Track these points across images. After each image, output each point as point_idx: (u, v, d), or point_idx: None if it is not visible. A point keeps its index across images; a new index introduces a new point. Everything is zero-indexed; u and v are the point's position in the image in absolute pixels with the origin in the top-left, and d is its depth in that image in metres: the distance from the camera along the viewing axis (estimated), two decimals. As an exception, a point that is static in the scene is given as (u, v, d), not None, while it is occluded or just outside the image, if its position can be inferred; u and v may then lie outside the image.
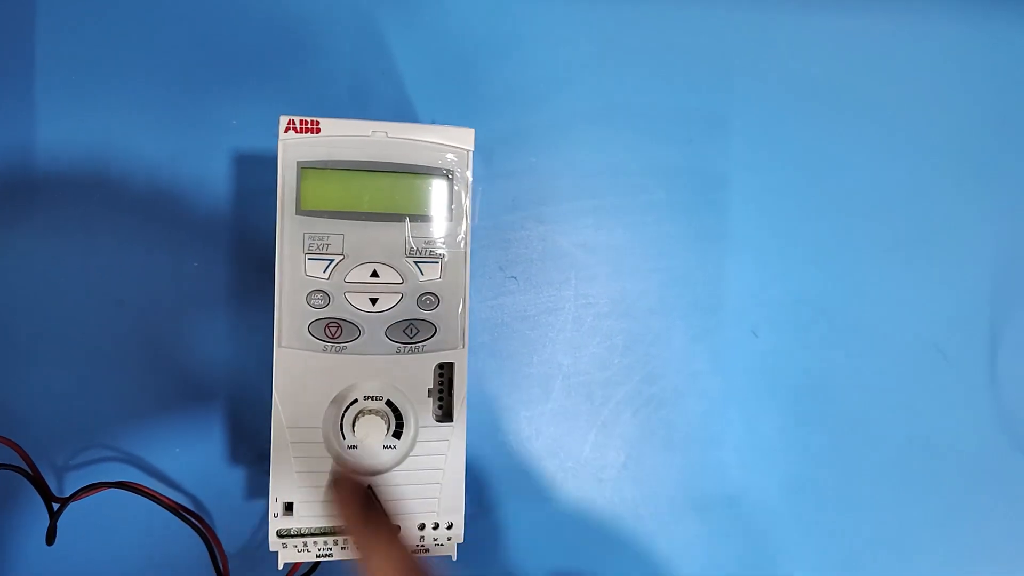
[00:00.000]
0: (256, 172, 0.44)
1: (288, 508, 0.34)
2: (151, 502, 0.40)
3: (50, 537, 0.38)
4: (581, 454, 0.49)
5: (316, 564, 0.39)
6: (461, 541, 0.36)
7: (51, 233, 0.42)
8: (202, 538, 0.41)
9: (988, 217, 0.53)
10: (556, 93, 0.48)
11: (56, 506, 0.39)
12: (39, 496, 0.39)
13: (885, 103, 0.52)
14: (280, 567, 0.37)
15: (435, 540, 0.35)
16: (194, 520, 0.41)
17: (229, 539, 0.44)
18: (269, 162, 0.43)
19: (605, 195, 0.49)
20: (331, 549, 0.35)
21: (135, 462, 0.44)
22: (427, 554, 0.37)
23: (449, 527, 0.35)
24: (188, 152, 0.44)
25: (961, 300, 0.53)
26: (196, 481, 0.44)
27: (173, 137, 0.44)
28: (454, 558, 0.37)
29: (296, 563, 0.39)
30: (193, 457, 0.44)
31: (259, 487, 0.44)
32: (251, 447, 0.44)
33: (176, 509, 0.40)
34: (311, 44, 0.45)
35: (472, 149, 0.34)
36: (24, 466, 0.39)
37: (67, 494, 0.39)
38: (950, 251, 0.53)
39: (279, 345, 0.33)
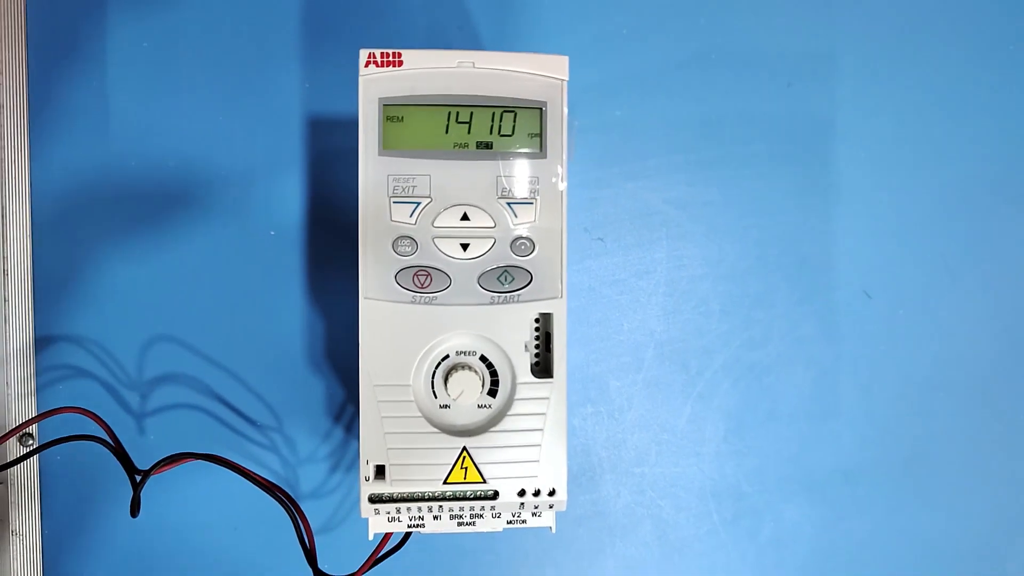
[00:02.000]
0: (328, 135, 0.43)
1: (380, 471, 0.31)
2: (234, 474, 0.38)
3: (134, 509, 0.37)
4: (677, 427, 0.46)
5: (406, 537, 0.37)
6: (563, 510, 0.33)
7: (127, 208, 0.42)
8: (288, 512, 0.39)
9: None
10: (643, 39, 0.45)
11: (139, 478, 0.37)
12: (122, 468, 0.38)
13: (1007, 37, 0.47)
14: (371, 538, 0.34)
15: (535, 509, 0.32)
16: (279, 494, 0.39)
17: (312, 513, 0.42)
18: (343, 125, 0.42)
19: (698, 148, 0.45)
20: (423, 518, 0.33)
21: (216, 432, 0.42)
22: (523, 525, 0.34)
23: (551, 493, 0.32)
24: (262, 119, 0.42)
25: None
26: (282, 454, 0.43)
27: (246, 104, 0.42)
28: (553, 530, 0.34)
29: (385, 537, 0.37)
30: (279, 429, 0.43)
31: (345, 459, 0.43)
32: (337, 418, 0.42)
33: (261, 482, 0.38)
34: (385, 3, 0.43)
35: (567, 79, 0.31)
36: (107, 438, 0.38)
37: (151, 466, 0.38)
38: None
39: (365, 297, 0.31)
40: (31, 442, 0.42)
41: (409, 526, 0.33)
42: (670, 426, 0.46)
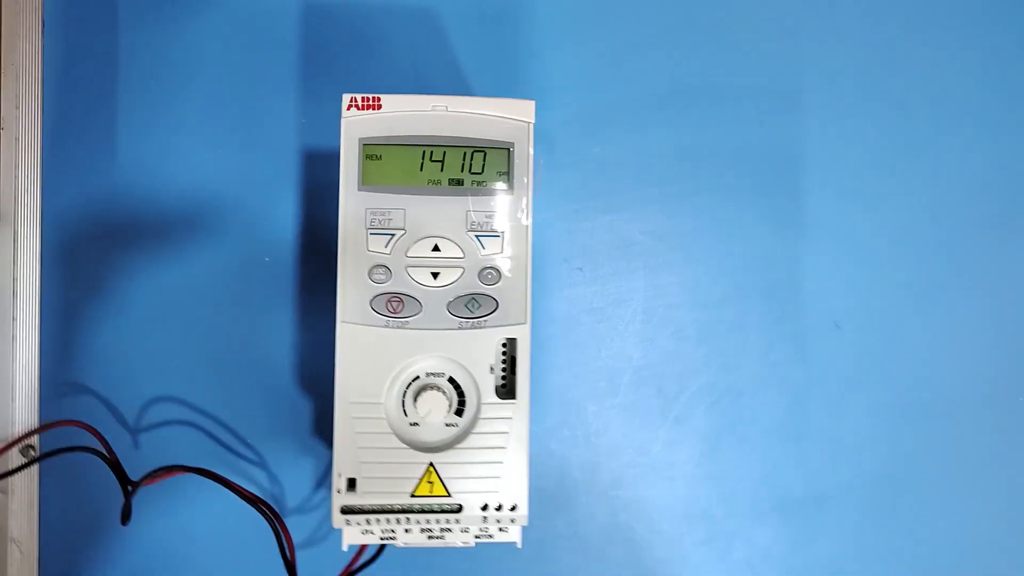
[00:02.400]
0: (323, 167, 0.45)
1: (351, 484, 0.33)
2: (222, 487, 0.40)
3: (124, 517, 0.39)
4: (652, 450, 0.47)
5: (380, 550, 0.39)
6: (526, 524, 0.35)
7: (129, 235, 0.44)
8: (270, 524, 0.41)
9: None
10: (619, 78, 0.47)
11: (130, 489, 0.39)
12: (115, 479, 0.40)
13: (973, 70, 0.49)
14: (344, 548, 0.36)
15: (498, 524, 0.34)
16: (263, 507, 0.41)
17: (297, 527, 0.44)
18: (335, 158, 0.44)
19: (673, 181, 0.47)
20: (394, 531, 0.35)
21: (208, 448, 0.44)
22: (490, 539, 0.36)
23: (513, 508, 0.34)
24: (259, 151, 0.45)
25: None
26: (267, 468, 0.45)
27: (244, 137, 0.45)
28: (519, 545, 0.36)
29: (360, 549, 0.39)
30: (265, 445, 0.44)
31: (325, 471, 0.44)
32: (322, 435, 0.44)
33: (246, 495, 0.40)
34: (372, 40, 0.46)
35: (532, 121, 0.34)
36: (102, 450, 0.40)
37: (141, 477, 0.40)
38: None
39: (342, 320, 0.33)
40: (32, 453, 0.44)
41: (381, 538, 0.35)
42: (645, 449, 0.47)
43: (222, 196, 0.45)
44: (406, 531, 0.35)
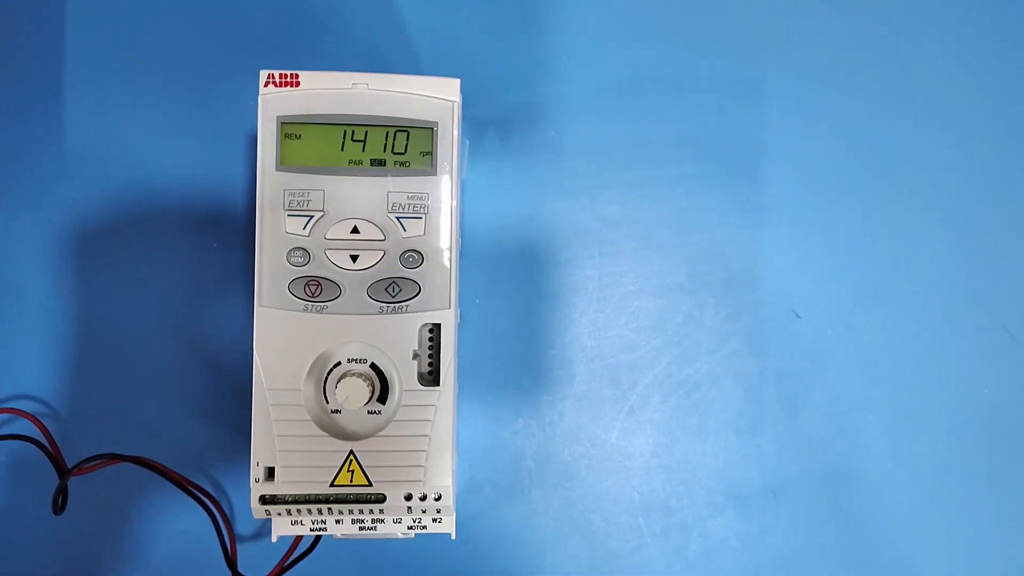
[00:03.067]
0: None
1: (270, 473, 0.32)
2: (163, 478, 0.40)
3: (56, 505, 0.38)
4: (607, 442, 0.46)
5: (317, 540, 0.38)
6: (452, 515, 0.34)
7: (74, 218, 0.43)
8: (209, 515, 0.41)
9: (1061, 179, 0.48)
10: (577, 63, 0.46)
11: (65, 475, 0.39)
12: (54, 470, 0.39)
13: (931, 62, 0.48)
14: (274, 539, 0.36)
15: (425, 514, 0.34)
16: (203, 497, 0.41)
17: (244, 520, 0.44)
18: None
19: (630, 168, 0.46)
20: (324, 522, 0.34)
21: (156, 439, 0.44)
22: (424, 531, 0.35)
23: (438, 498, 0.33)
24: (206, 134, 0.44)
25: (1032, 276, 0.47)
26: (212, 459, 0.44)
27: (191, 121, 0.44)
28: (453, 536, 0.35)
29: (295, 540, 0.38)
30: (210, 435, 0.44)
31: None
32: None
33: (184, 484, 0.40)
34: (324, 21, 0.45)
35: (458, 100, 0.33)
36: (42, 439, 0.40)
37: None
38: (1015, 222, 0.47)
39: (259, 304, 0.32)
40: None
41: (312, 529, 0.35)
42: (600, 441, 0.47)
43: (170, 181, 0.44)
44: (337, 522, 0.34)
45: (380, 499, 0.32)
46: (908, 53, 0.47)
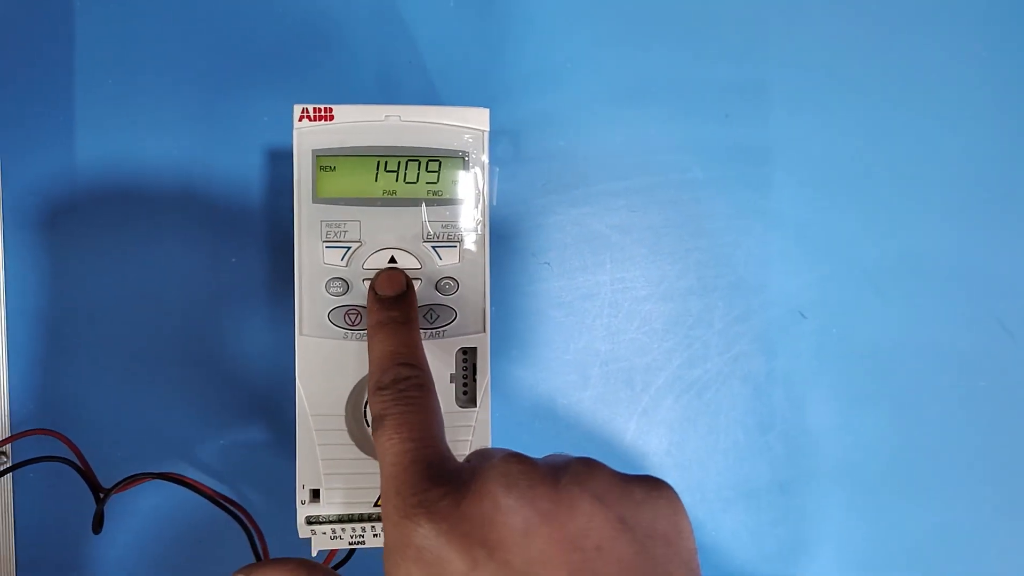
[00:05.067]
0: (289, 166, 0.45)
1: (315, 495, 0.34)
2: (194, 493, 0.41)
3: (96, 525, 0.39)
4: (622, 442, 0.48)
5: (351, 553, 0.39)
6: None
7: (93, 236, 0.44)
8: (243, 527, 0.42)
9: (1055, 181, 0.49)
10: (584, 72, 0.47)
11: (102, 496, 0.40)
12: (87, 487, 0.40)
13: (934, 64, 0.49)
14: (314, 554, 0.37)
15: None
16: (235, 510, 0.42)
17: (271, 529, 0.45)
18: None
19: (639, 175, 0.47)
20: (363, 536, 0.35)
21: (180, 454, 0.45)
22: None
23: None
24: (223, 151, 0.45)
25: (1026, 272, 0.49)
26: (239, 472, 0.45)
27: (207, 137, 0.44)
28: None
29: (331, 553, 0.39)
30: (236, 448, 0.45)
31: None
32: (291, 438, 0.45)
33: (217, 499, 0.41)
34: (335, 37, 0.45)
35: (487, 130, 0.34)
36: (74, 458, 0.41)
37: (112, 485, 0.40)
38: (1012, 219, 0.49)
39: (300, 333, 0.33)
40: (4, 460, 0.44)
41: (350, 543, 0.36)
42: (615, 441, 0.48)
43: (186, 196, 0.44)
44: (375, 536, 0.35)
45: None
46: (911, 58, 0.49)
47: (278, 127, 0.45)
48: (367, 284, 0.33)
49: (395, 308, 0.30)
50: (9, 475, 0.44)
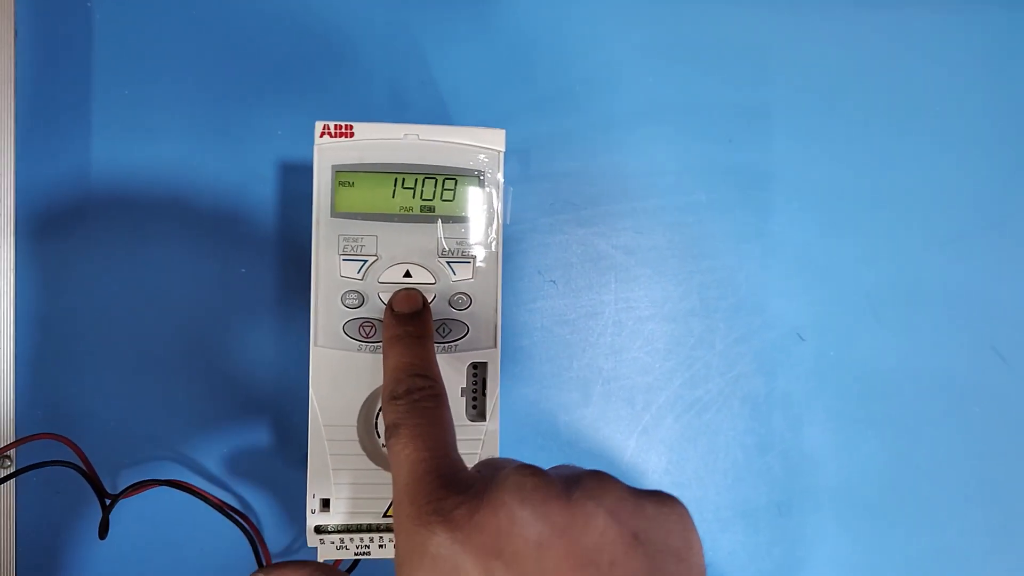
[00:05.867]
0: (301, 180, 0.46)
1: (325, 504, 0.34)
2: (199, 500, 0.41)
3: (102, 531, 0.39)
4: (622, 459, 0.49)
5: (356, 562, 0.40)
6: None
7: (104, 244, 0.44)
8: (246, 535, 0.42)
9: (1049, 212, 0.51)
10: (593, 95, 0.48)
11: (108, 502, 0.40)
12: (93, 492, 0.40)
13: (933, 92, 0.50)
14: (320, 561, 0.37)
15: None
16: (239, 518, 0.42)
17: (274, 538, 0.45)
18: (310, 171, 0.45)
19: (644, 197, 0.48)
20: (368, 546, 0.36)
21: (185, 461, 0.45)
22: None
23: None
24: (236, 163, 0.45)
25: (1020, 299, 0.50)
26: (242, 480, 0.45)
27: (221, 149, 0.45)
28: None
29: (336, 562, 0.40)
30: (240, 457, 0.45)
31: (303, 486, 0.45)
32: (296, 447, 0.45)
33: (221, 507, 0.41)
34: (350, 55, 0.46)
35: (503, 150, 0.35)
36: (80, 463, 0.41)
37: (119, 491, 0.40)
38: (1007, 246, 0.51)
39: (315, 344, 0.34)
40: (9, 464, 0.44)
41: (356, 553, 0.36)
42: (616, 459, 0.49)
43: (198, 206, 0.45)
44: (380, 547, 0.36)
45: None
46: (911, 87, 0.50)
47: (292, 141, 0.46)
48: (382, 297, 0.34)
49: (411, 323, 0.31)
50: (12, 480, 0.44)
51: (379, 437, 0.35)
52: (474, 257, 0.34)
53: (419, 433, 0.26)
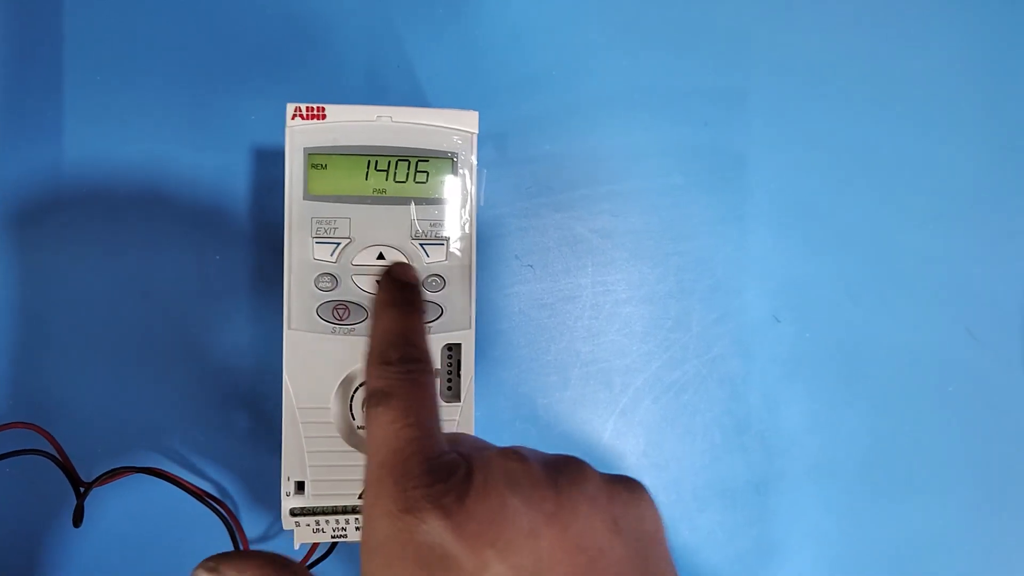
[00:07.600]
0: (275, 165, 0.45)
1: (300, 487, 0.34)
2: (175, 487, 0.41)
3: (77, 519, 0.39)
4: (600, 441, 0.49)
5: (333, 546, 0.40)
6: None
7: (78, 233, 0.44)
8: (223, 522, 0.42)
9: (1021, 192, 0.51)
10: (569, 78, 0.48)
11: (82, 490, 0.40)
12: (67, 481, 0.40)
13: (908, 75, 0.51)
14: (296, 547, 0.37)
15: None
16: (216, 505, 0.42)
17: (251, 523, 0.45)
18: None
19: (621, 180, 0.49)
20: (345, 529, 0.36)
21: (161, 449, 0.45)
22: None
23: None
24: (208, 149, 0.45)
25: (992, 280, 0.51)
26: (219, 466, 0.45)
27: (195, 135, 0.45)
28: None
29: (313, 546, 0.40)
30: (217, 443, 0.45)
31: (279, 471, 0.45)
32: (272, 432, 0.45)
33: (198, 493, 0.41)
34: (325, 39, 0.46)
35: (477, 132, 0.35)
36: (53, 452, 0.41)
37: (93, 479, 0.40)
38: (981, 228, 0.51)
39: (289, 327, 0.34)
40: (-17, 455, 0.44)
41: (333, 536, 0.36)
42: (594, 441, 0.49)
43: (172, 193, 0.45)
44: (357, 529, 0.36)
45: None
46: (887, 67, 0.51)
47: (265, 126, 0.45)
48: (356, 280, 0.34)
49: (410, 292, 0.28)
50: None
51: (354, 419, 0.35)
52: (448, 239, 0.34)
53: (411, 406, 0.23)
